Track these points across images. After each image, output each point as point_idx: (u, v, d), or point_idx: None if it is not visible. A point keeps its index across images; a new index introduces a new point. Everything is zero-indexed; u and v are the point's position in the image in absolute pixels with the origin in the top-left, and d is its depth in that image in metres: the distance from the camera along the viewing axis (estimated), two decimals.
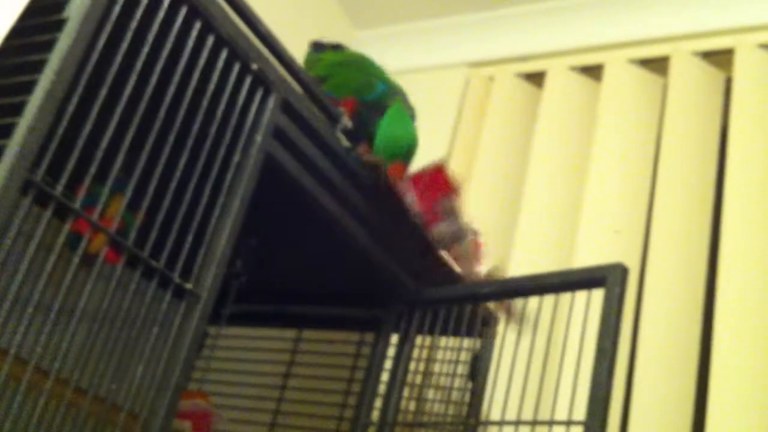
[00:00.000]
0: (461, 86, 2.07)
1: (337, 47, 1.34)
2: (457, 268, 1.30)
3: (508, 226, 1.81)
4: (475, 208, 1.80)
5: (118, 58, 0.75)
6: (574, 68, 1.96)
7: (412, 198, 1.25)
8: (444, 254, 1.29)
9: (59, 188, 0.70)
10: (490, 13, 2.13)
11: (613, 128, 1.81)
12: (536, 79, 2.02)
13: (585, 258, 1.66)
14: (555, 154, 1.86)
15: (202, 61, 0.86)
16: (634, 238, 1.70)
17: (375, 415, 1.25)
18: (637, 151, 1.79)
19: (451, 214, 1.30)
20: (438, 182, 1.31)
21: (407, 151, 1.20)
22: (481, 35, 2.13)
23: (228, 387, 1.42)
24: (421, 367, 1.29)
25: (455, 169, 1.72)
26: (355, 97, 1.24)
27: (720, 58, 1.81)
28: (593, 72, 1.95)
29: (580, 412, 1.01)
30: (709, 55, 1.82)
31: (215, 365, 1.37)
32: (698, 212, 1.67)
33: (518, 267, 1.71)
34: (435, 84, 2.08)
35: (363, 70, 1.29)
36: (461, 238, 1.29)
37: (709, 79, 1.81)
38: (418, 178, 1.29)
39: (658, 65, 1.88)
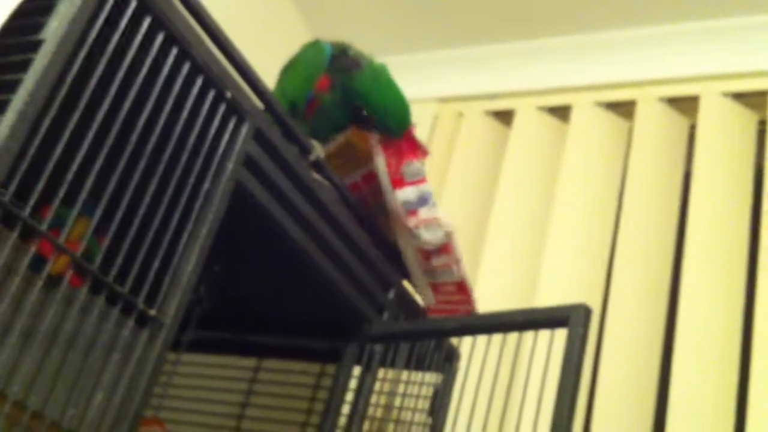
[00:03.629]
0: (430, 121, 2.09)
1: None
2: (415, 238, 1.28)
3: (472, 262, 1.81)
4: None
5: (93, 82, 0.75)
6: (542, 108, 1.99)
7: (383, 160, 1.23)
8: (406, 223, 1.27)
9: (27, 209, 0.70)
10: (460, 50, 2.15)
11: (579, 169, 1.83)
12: (505, 117, 2.04)
13: (548, 296, 1.67)
14: (521, 192, 1.88)
15: (176, 88, 0.85)
16: (597, 277, 1.72)
17: None
18: (602, 192, 1.82)
19: (417, 176, 1.28)
20: (408, 147, 1.29)
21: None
22: (451, 71, 2.14)
23: (185, 414, 1.39)
24: (383, 400, 1.28)
25: None
26: (324, 73, 1.23)
27: (685, 105, 1.85)
28: (561, 113, 1.97)
29: None
30: (674, 101, 1.86)
31: (173, 392, 1.35)
32: (660, 255, 1.70)
33: (481, 303, 1.71)
34: None
35: (297, 60, 1.28)
36: (425, 204, 1.28)
37: (674, 124, 1.85)
38: (388, 143, 1.28)
39: (624, 109, 1.91)
